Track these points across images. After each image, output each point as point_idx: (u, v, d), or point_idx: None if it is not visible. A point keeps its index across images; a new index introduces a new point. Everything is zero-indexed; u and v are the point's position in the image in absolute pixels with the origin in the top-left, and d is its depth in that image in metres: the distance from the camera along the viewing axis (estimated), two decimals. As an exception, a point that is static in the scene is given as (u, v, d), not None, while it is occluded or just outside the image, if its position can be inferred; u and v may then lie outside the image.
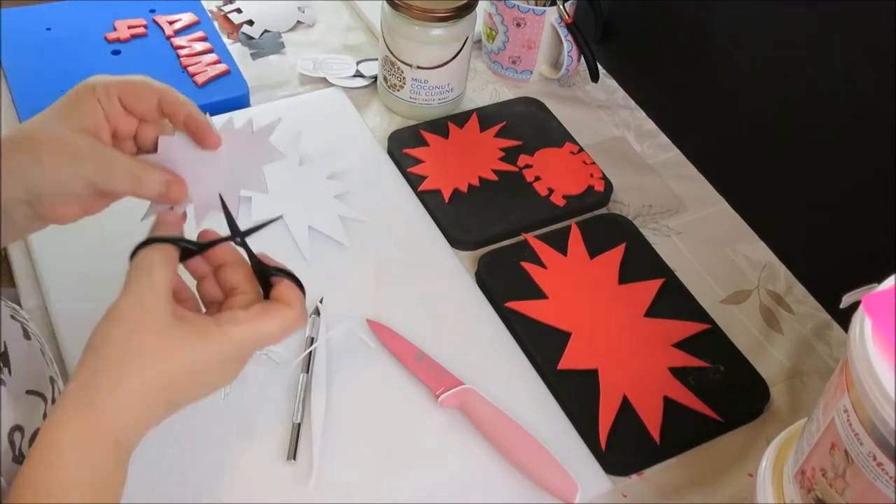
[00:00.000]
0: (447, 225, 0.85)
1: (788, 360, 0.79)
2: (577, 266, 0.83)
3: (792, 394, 0.77)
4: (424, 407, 0.70)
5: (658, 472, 0.71)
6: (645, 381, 0.74)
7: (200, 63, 0.97)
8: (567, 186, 0.90)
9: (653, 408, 0.72)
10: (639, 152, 0.98)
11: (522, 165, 0.92)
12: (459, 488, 0.66)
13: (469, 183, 0.90)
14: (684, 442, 0.72)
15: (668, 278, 0.82)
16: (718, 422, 0.72)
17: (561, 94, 1.04)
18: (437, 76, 0.94)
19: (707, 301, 0.82)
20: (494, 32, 1.03)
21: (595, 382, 0.73)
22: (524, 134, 0.96)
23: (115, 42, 0.99)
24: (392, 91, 0.97)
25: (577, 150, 0.95)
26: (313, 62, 1.02)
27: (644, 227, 0.88)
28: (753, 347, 0.80)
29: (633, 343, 0.77)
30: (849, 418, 0.47)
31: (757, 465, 0.58)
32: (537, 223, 0.87)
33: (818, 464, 0.50)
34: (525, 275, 0.81)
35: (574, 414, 0.72)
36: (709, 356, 0.76)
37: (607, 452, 0.69)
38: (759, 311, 0.83)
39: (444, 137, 0.94)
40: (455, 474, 0.67)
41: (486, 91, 1.04)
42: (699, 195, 0.94)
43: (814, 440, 0.50)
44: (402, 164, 0.91)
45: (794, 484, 0.53)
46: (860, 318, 0.47)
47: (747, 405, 0.75)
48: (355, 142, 0.93)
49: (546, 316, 0.78)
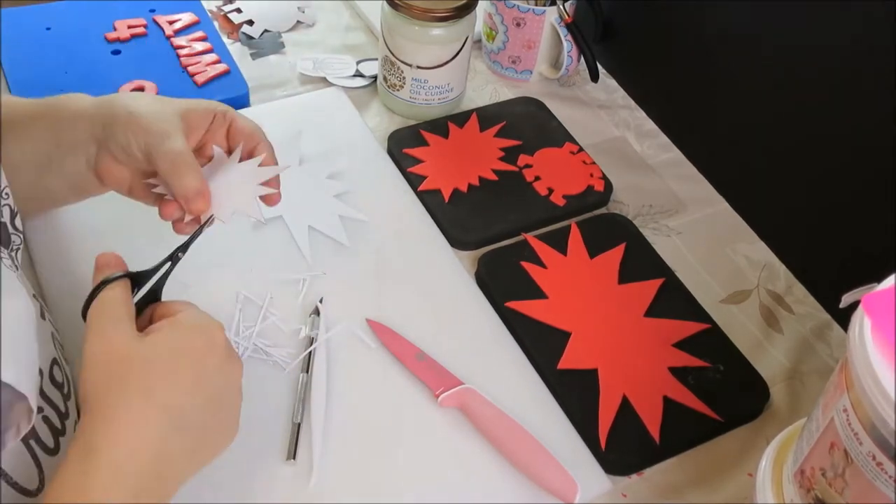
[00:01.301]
0: (447, 225, 0.86)
1: (788, 360, 0.80)
2: (577, 266, 0.83)
3: (792, 394, 0.77)
4: (424, 406, 0.71)
5: (658, 471, 0.71)
6: (645, 380, 0.74)
7: (200, 63, 0.97)
8: (567, 186, 0.91)
9: (652, 407, 0.72)
10: (639, 152, 0.98)
11: (522, 165, 0.93)
12: (459, 488, 0.66)
13: (469, 183, 0.90)
14: (684, 442, 0.72)
15: (667, 278, 0.83)
16: (718, 422, 0.72)
17: (561, 94, 1.05)
18: (436, 76, 0.94)
19: (707, 301, 0.82)
20: (494, 32, 1.03)
21: (595, 382, 0.74)
22: (524, 134, 0.96)
23: (115, 42, 0.99)
24: (392, 91, 0.97)
25: (577, 150, 0.95)
26: (313, 62, 1.02)
27: (644, 227, 0.89)
28: (753, 347, 0.80)
29: (632, 343, 0.77)
30: (848, 418, 0.47)
31: (756, 464, 0.59)
32: (537, 223, 0.88)
33: (818, 463, 0.50)
34: (525, 274, 0.81)
35: (574, 414, 0.72)
36: (708, 356, 0.76)
37: (607, 452, 0.69)
38: (758, 311, 0.83)
39: (444, 137, 0.95)
40: (455, 474, 0.67)
41: (485, 91, 1.04)
42: (699, 195, 0.94)
43: (813, 440, 0.51)
44: (401, 164, 0.91)
45: (793, 484, 0.53)
46: (860, 318, 0.47)
47: (747, 405, 0.75)
48: (355, 142, 0.93)
49: (546, 316, 0.78)
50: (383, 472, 0.67)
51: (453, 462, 0.68)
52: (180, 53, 0.98)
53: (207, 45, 0.99)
